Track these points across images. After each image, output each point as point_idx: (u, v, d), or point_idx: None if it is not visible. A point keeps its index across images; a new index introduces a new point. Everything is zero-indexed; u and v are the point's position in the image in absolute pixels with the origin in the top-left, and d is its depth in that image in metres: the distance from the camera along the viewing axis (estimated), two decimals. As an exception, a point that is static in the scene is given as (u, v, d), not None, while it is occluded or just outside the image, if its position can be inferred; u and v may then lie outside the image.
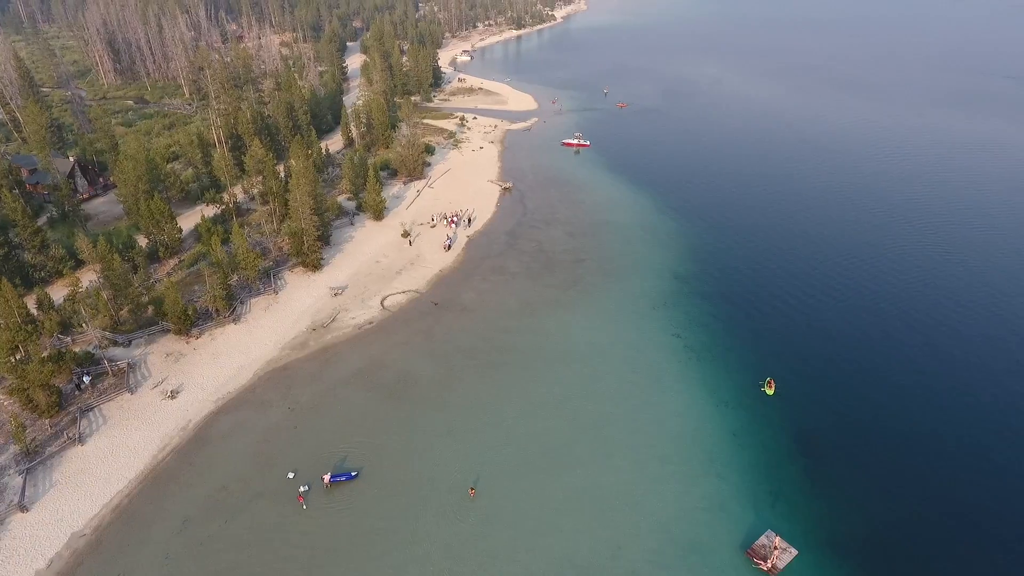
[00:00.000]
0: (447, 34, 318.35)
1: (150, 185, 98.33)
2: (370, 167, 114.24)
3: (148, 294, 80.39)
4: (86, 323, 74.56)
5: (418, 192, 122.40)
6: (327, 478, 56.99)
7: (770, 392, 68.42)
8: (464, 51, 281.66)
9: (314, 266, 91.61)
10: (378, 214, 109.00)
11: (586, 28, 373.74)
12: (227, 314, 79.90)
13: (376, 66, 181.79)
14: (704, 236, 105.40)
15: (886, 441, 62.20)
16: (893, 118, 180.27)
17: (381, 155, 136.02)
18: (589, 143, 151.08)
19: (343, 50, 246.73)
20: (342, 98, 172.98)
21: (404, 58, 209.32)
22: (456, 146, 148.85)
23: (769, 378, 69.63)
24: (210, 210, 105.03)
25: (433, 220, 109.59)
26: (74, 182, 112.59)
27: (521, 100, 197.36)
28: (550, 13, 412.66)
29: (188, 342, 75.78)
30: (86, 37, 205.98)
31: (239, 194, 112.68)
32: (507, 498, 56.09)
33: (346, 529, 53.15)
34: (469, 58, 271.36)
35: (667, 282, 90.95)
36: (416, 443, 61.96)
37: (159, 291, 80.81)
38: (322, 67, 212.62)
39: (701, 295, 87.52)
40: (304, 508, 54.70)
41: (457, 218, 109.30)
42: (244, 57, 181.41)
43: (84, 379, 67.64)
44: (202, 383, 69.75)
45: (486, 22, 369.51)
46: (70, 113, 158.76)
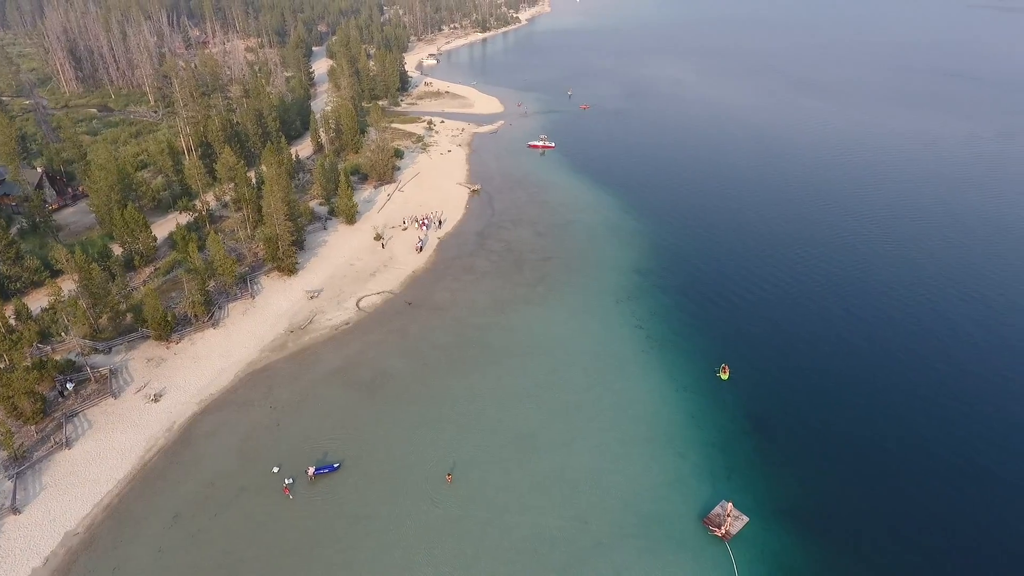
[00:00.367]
0: (413, 38, 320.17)
1: (122, 195, 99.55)
2: (341, 172, 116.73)
3: (126, 302, 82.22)
4: (66, 332, 76.17)
5: (389, 196, 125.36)
6: (311, 470, 60.05)
7: (725, 377, 73.61)
8: (430, 54, 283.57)
9: (289, 270, 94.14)
10: (350, 218, 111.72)
11: (550, 30, 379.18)
12: (206, 319, 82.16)
13: (343, 71, 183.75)
14: (664, 233, 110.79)
15: (828, 420, 67.87)
16: (843, 117, 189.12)
17: (351, 160, 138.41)
18: (554, 145, 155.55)
19: (309, 55, 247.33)
20: (310, 104, 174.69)
21: (371, 62, 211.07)
22: (425, 150, 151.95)
23: (724, 364, 74.78)
24: (183, 218, 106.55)
25: (404, 223, 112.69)
26: (43, 193, 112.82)
27: (487, 103, 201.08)
28: (514, 15, 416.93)
29: (168, 347, 77.87)
30: (46, 45, 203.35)
31: (211, 201, 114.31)
32: (482, 482, 59.93)
33: (331, 517, 56.35)
34: (435, 61, 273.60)
35: (630, 277, 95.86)
36: (394, 435, 65.39)
37: (137, 299, 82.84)
38: (288, 72, 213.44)
39: (662, 289, 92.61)
40: (291, 498, 57.81)
41: (428, 220, 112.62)
42: (211, 65, 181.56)
43: (67, 386, 69.39)
44: (184, 386, 72.01)
45: (451, 25, 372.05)
46: (32, 122, 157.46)
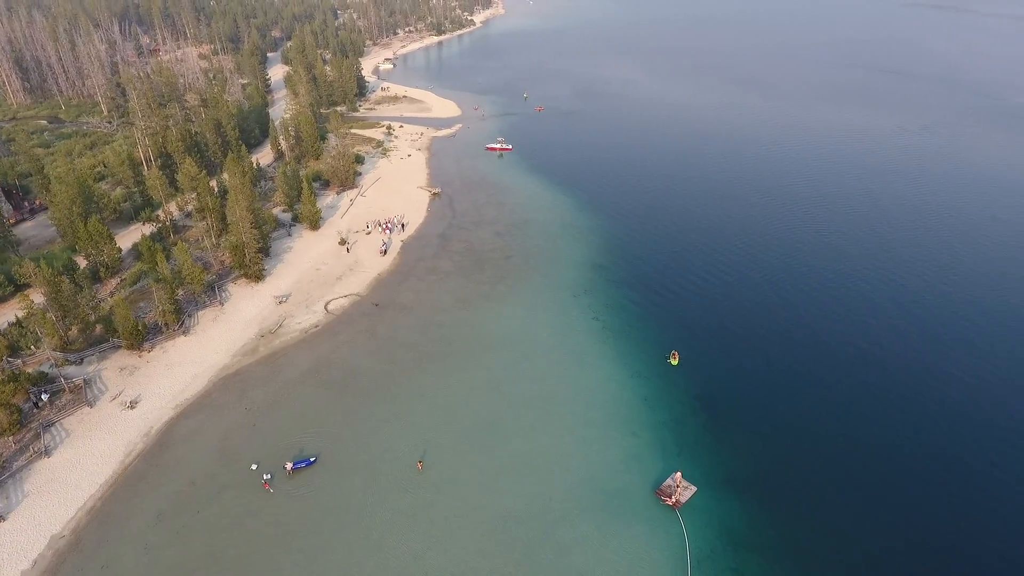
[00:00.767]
0: (368, 42, 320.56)
1: (84, 207, 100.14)
2: (303, 179, 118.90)
3: (95, 313, 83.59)
4: (36, 344, 77.30)
5: (351, 201, 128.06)
6: (289, 466, 63.26)
7: (675, 363, 79.30)
8: (386, 59, 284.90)
9: (257, 277, 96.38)
10: (314, 224, 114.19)
11: (505, 33, 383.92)
12: (176, 327, 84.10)
13: (300, 78, 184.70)
14: (618, 229, 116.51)
15: (768, 398, 74.25)
16: (784, 113, 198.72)
17: (312, 167, 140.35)
18: (511, 147, 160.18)
19: (264, 61, 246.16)
20: (268, 111, 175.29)
21: (327, 67, 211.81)
22: (385, 154, 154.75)
23: (674, 351, 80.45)
24: (147, 228, 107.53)
25: (368, 227, 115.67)
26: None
27: (445, 107, 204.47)
28: (469, 18, 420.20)
29: (141, 356, 79.66)
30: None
31: (174, 211, 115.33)
32: (452, 469, 64.09)
33: (310, 507, 59.75)
34: (392, 66, 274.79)
35: (586, 272, 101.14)
36: (367, 428, 69.04)
37: (106, 309, 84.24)
38: (244, 79, 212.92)
39: (617, 282, 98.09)
40: (271, 492, 60.94)
41: (391, 224, 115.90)
42: (167, 74, 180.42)
43: (42, 396, 70.86)
44: (159, 392, 74.13)
45: (407, 28, 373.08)
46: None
